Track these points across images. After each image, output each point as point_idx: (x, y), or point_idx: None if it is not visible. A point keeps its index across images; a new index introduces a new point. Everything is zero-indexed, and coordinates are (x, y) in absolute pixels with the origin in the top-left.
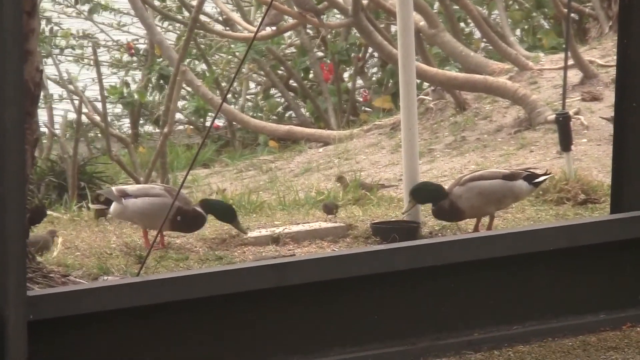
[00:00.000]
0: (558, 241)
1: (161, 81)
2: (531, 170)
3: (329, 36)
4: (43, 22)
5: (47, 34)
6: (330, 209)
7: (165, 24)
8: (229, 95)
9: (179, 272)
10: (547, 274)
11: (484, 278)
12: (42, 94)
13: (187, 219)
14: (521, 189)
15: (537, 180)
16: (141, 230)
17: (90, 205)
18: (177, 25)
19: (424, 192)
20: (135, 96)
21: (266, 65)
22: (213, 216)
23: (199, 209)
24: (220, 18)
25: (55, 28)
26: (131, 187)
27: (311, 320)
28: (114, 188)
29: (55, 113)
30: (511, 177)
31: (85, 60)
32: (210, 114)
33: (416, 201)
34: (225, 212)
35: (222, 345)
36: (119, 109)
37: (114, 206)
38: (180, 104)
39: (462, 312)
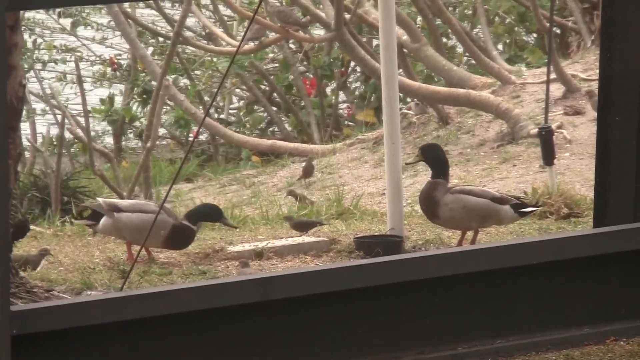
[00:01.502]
0: (541, 255)
1: (144, 95)
2: (522, 199)
3: (311, 50)
4: (26, 34)
5: (29, 45)
6: (300, 226)
7: (148, 38)
8: (212, 110)
9: (162, 287)
10: (531, 287)
11: (467, 292)
12: (24, 108)
13: (179, 236)
14: (506, 215)
15: (523, 210)
16: (125, 245)
17: (75, 222)
18: (160, 39)
19: (434, 154)
20: (120, 112)
21: (249, 79)
22: (204, 221)
23: (186, 222)
24: (203, 32)
25: (39, 40)
26: (123, 202)
27: (294, 335)
28: (102, 200)
29: (37, 128)
30: (500, 200)
31: (68, 77)
32: (193, 127)
33: (423, 158)
34: (212, 213)
35: (206, 359)
36: (101, 126)
37: (104, 220)
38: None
39: (446, 326)
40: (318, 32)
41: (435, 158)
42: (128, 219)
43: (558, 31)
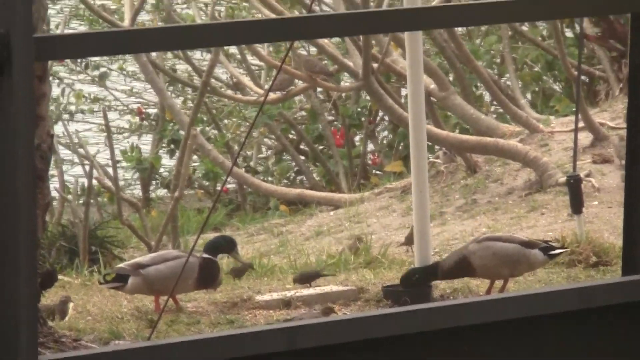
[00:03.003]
0: (570, 303)
1: (172, 145)
2: (549, 242)
3: (339, 99)
4: (55, 83)
5: (58, 94)
6: (306, 278)
7: (175, 86)
8: (240, 159)
9: (190, 336)
10: (560, 335)
11: (496, 340)
12: (53, 158)
13: (207, 272)
14: (536, 258)
15: (552, 252)
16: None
17: (102, 286)
18: (188, 89)
19: (410, 279)
20: (148, 161)
21: (277, 129)
22: (220, 253)
23: (207, 255)
24: (230, 82)
25: (67, 90)
26: (145, 258)
27: None
28: (123, 264)
29: (66, 177)
30: (528, 244)
31: (96, 126)
32: (221, 177)
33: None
34: (226, 244)
35: None
36: (129, 174)
37: (132, 280)
38: (191, 167)
39: None
40: (346, 81)
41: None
42: (156, 270)
43: (586, 79)
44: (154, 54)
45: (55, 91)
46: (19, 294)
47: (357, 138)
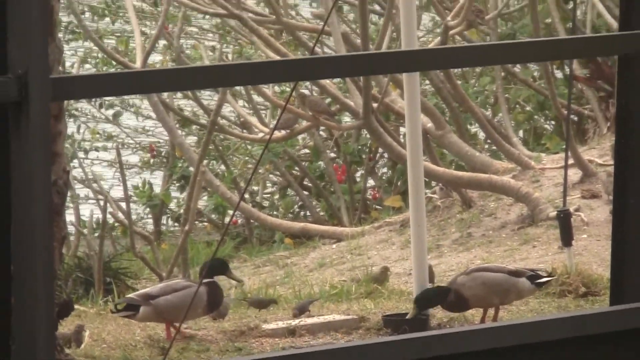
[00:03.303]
0: (560, 331)
1: (182, 181)
2: (536, 271)
3: (340, 137)
4: (70, 122)
5: (74, 131)
6: (302, 308)
7: (188, 128)
8: (247, 194)
9: None
10: None
11: None
12: (69, 193)
13: (213, 296)
14: (524, 287)
15: (539, 280)
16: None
17: (115, 314)
18: (196, 127)
19: (426, 298)
20: (159, 197)
21: (281, 165)
22: (215, 275)
23: (206, 281)
24: (237, 120)
25: (82, 127)
26: (154, 289)
27: None
28: (133, 295)
29: (81, 212)
30: (516, 273)
31: (108, 163)
32: (229, 212)
33: (420, 309)
34: (219, 266)
35: None
36: (141, 208)
37: (143, 310)
38: (200, 202)
39: None
40: (347, 119)
41: (429, 303)
42: (166, 301)
43: (575, 118)
44: (164, 94)
45: (71, 128)
46: (37, 322)
47: (357, 174)
